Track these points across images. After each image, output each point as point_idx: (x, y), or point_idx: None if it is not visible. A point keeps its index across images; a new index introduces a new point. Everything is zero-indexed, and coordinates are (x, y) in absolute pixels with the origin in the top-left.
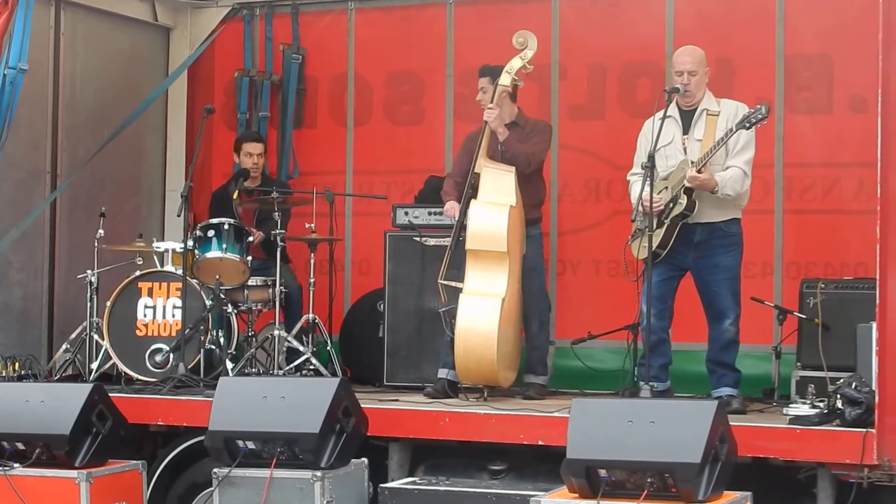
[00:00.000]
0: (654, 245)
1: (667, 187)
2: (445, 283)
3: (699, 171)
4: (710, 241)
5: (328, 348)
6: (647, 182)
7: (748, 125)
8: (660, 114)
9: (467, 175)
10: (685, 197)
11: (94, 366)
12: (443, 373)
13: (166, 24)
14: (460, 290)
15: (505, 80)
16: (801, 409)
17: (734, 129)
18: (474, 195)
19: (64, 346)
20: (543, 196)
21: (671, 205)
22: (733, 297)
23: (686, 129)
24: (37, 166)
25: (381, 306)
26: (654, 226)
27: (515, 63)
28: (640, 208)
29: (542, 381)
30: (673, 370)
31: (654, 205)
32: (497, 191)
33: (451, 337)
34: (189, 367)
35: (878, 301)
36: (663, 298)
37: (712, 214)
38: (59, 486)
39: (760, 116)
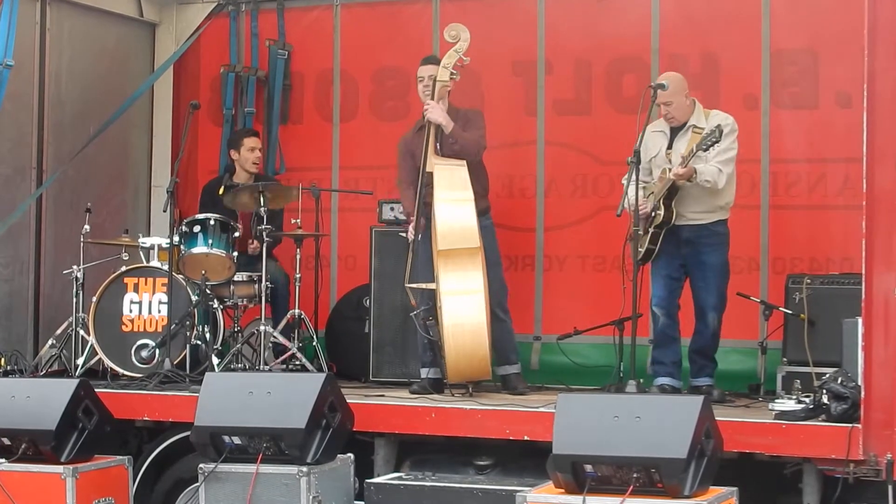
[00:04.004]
0: (643, 249)
1: (652, 193)
2: (413, 286)
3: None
4: (698, 240)
5: (314, 344)
6: (636, 182)
7: (705, 148)
8: (652, 126)
9: (416, 183)
10: (663, 207)
11: (80, 361)
12: (424, 372)
13: (152, 20)
14: (430, 290)
15: (443, 75)
16: (787, 404)
17: (694, 151)
18: (430, 194)
19: (50, 342)
20: (487, 185)
21: (653, 214)
22: (718, 293)
23: (671, 144)
24: (22, 162)
25: (367, 302)
26: (642, 230)
27: (451, 57)
28: (627, 207)
29: (517, 369)
30: None
31: (641, 208)
32: (454, 186)
33: (428, 339)
34: (175, 362)
35: (863, 296)
36: (671, 292)
37: (700, 217)
38: (45, 482)
39: (714, 140)
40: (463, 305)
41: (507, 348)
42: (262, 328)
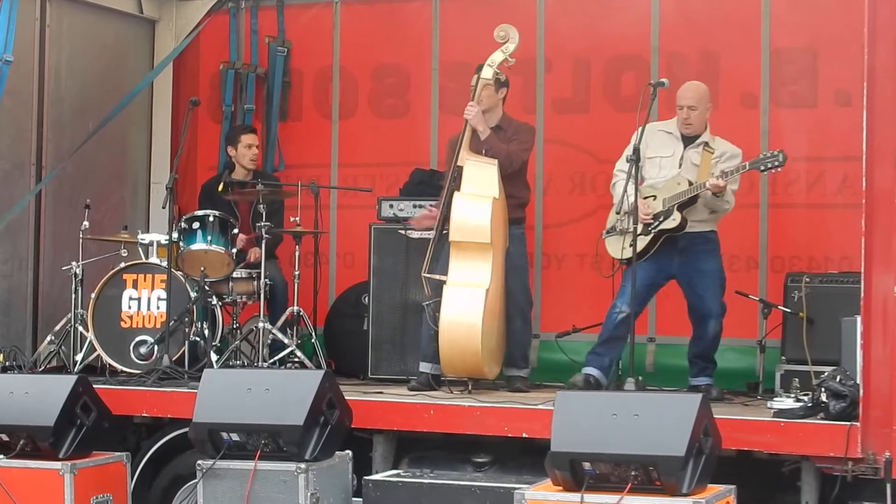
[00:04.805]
0: (640, 247)
1: (654, 196)
2: (429, 276)
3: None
4: (693, 248)
5: (312, 341)
6: (636, 180)
7: (763, 168)
8: (659, 124)
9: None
10: (678, 214)
11: (79, 357)
12: (425, 367)
13: (151, 17)
14: (444, 283)
15: (486, 73)
16: (786, 402)
17: (747, 167)
18: (457, 188)
19: (48, 338)
20: (527, 198)
21: (662, 218)
22: (718, 297)
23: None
24: (22, 158)
25: (366, 299)
26: (639, 232)
27: (497, 56)
28: (623, 208)
29: (525, 373)
30: (656, 364)
31: (644, 214)
32: (480, 183)
33: (434, 330)
34: (173, 359)
35: (862, 295)
36: (643, 301)
37: (696, 226)
38: (44, 478)
39: (777, 164)
40: (463, 298)
41: (516, 354)
42: (260, 325)
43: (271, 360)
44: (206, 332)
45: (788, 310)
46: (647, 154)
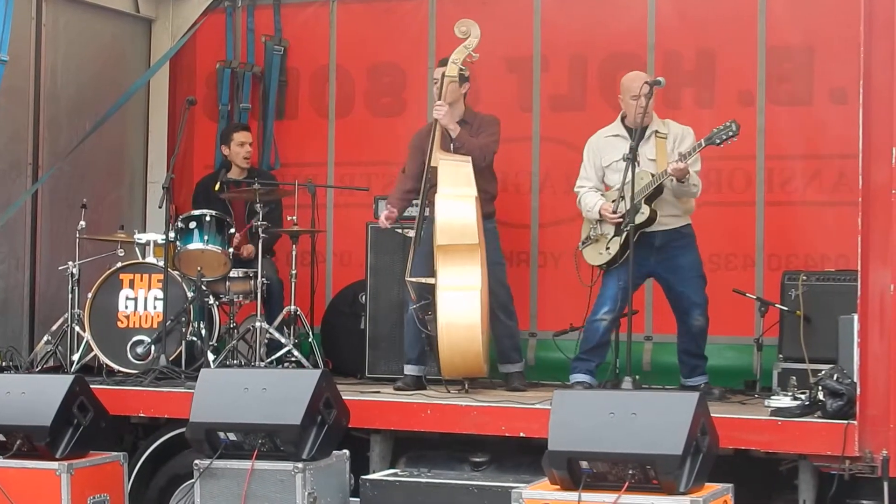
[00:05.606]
0: (613, 252)
1: (622, 197)
2: (413, 280)
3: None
4: (669, 244)
5: (310, 340)
6: (633, 179)
7: (718, 142)
8: (603, 131)
9: (420, 177)
10: (647, 207)
11: (76, 357)
12: (410, 369)
13: (148, 16)
14: (430, 285)
15: (451, 70)
16: (783, 400)
17: (703, 144)
18: (433, 189)
19: (45, 338)
20: (496, 190)
21: (631, 215)
22: (699, 289)
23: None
24: (18, 158)
25: (363, 298)
26: (612, 234)
27: (460, 52)
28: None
29: (519, 367)
30: (653, 362)
31: (613, 216)
32: (457, 182)
33: (425, 334)
34: (170, 358)
35: (859, 293)
36: (623, 304)
37: (671, 221)
38: (40, 478)
39: (731, 133)
40: (459, 301)
41: (507, 347)
42: (257, 324)
43: (268, 360)
44: (203, 331)
45: (785, 308)
46: (603, 164)
